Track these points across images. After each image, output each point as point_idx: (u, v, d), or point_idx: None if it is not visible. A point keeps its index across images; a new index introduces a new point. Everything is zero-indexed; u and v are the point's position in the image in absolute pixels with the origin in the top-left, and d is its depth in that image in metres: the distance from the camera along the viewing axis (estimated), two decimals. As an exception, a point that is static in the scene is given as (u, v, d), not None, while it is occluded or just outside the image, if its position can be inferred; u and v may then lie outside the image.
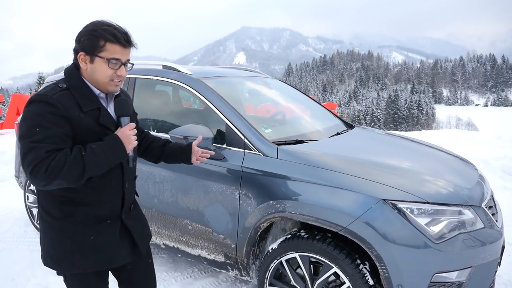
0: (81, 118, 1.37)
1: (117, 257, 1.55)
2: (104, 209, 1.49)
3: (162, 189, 2.66)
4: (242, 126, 2.38)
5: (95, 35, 1.38)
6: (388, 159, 2.42)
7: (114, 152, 1.39)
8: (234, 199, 2.30)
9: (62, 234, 1.46)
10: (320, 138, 2.66)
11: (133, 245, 1.61)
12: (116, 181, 1.52)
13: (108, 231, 1.51)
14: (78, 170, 1.29)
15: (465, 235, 1.93)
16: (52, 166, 1.24)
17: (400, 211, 1.88)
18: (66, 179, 1.28)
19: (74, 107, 1.36)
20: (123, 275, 1.71)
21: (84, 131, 1.38)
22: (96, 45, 1.38)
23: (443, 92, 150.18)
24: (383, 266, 1.86)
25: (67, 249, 1.46)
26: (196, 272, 2.99)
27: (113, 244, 1.52)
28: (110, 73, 1.41)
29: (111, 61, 1.39)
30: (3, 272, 2.99)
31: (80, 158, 1.30)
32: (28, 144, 1.27)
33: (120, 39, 1.40)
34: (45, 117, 1.29)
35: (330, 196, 2.01)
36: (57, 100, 1.33)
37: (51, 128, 1.29)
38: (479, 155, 5.91)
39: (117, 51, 1.40)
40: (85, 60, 1.41)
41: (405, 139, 3.12)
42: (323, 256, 2.00)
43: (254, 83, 3.49)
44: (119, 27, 1.43)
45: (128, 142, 1.43)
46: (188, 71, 2.78)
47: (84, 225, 1.46)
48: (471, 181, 2.32)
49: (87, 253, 1.48)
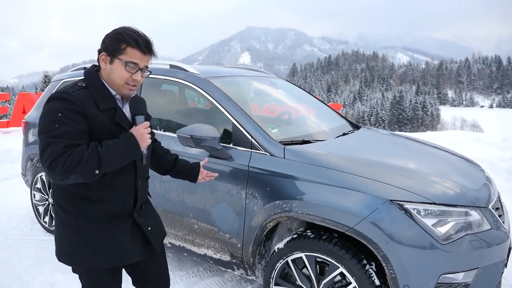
0: (98, 116, 1.42)
1: (129, 255, 1.57)
2: (117, 206, 1.52)
3: (168, 188, 2.67)
4: (249, 126, 2.39)
5: (119, 38, 1.44)
6: (394, 160, 2.42)
7: (129, 149, 1.43)
8: (241, 198, 2.31)
9: (75, 230, 1.49)
10: (326, 139, 2.67)
11: (146, 243, 1.63)
12: (129, 179, 1.55)
13: (120, 229, 1.53)
14: (94, 166, 1.32)
15: (472, 236, 1.92)
16: (70, 161, 1.28)
17: (407, 212, 1.88)
18: (82, 173, 1.31)
19: (91, 105, 1.41)
20: (138, 273, 1.73)
21: (100, 129, 1.42)
22: (118, 47, 1.44)
23: (448, 93, 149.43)
24: (389, 267, 1.86)
25: (80, 245, 1.49)
26: (202, 271, 3.00)
27: (125, 242, 1.54)
28: (126, 76, 1.46)
29: (129, 64, 1.44)
30: (10, 270, 3.02)
31: (96, 154, 1.33)
32: (46, 139, 1.30)
33: (141, 45, 1.45)
34: (63, 113, 1.34)
35: (337, 196, 2.01)
36: (75, 97, 1.38)
37: (69, 124, 1.33)
38: (484, 157, 5.87)
39: (136, 56, 1.45)
40: (105, 60, 1.47)
41: (411, 140, 3.11)
42: (329, 256, 2.01)
43: (261, 83, 3.49)
44: (143, 35, 1.49)
45: (143, 140, 1.47)
46: (195, 71, 2.79)
47: (97, 222, 1.49)
48: (478, 182, 2.31)
49: (99, 250, 1.50)
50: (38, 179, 3.76)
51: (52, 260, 3.14)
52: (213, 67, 3.56)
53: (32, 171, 3.88)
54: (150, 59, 1.53)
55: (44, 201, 3.76)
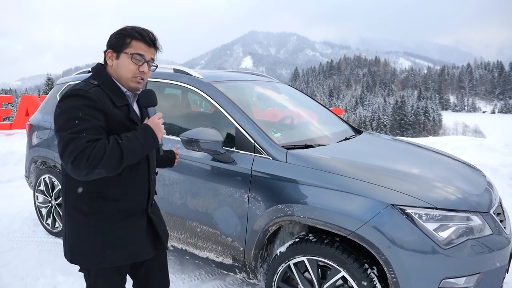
0: (115, 112, 1.46)
1: (145, 251, 1.61)
2: (132, 203, 1.55)
3: (171, 191, 2.68)
4: (252, 130, 2.41)
5: (123, 33, 1.50)
6: (396, 164, 2.43)
7: (148, 140, 1.46)
8: (243, 202, 2.32)
9: (93, 229, 1.50)
10: (328, 143, 2.68)
11: (155, 239, 1.67)
12: (143, 174, 1.59)
13: (137, 225, 1.57)
14: (117, 158, 1.35)
15: (474, 241, 1.93)
16: (94, 155, 1.29)
17: (409, 216, 1.89)
18: (106, 167, 1.33)
19: (108, 102, 1.44)
20: (141, 272, 1.76)
21: (117, 125, 1.45)
22: (123, 42, 1.49)
23: (450, 98, 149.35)
24: (391, 271, 1.87)
25: (99, 243, 1.50)
26: (203, 275, 3.01)
27: (141, 238, 1.58)
28: (133, 68, 1.49)
29: (134, 55, 1.48)
30: (13, 272, 3.03)
31: (118, 147, 1.36)
32: (68, 136, 1.31)
33: (145, 37, 1.50)
34: (83, 110, 1.36)
35: (339, 201, 2.02)
36: (93, 94, 1.40)
37: (89, 120, 1.35)
38: (486, 162, 5.87)
39: (141, 48, 1.50)
40: (112, 57, 1.51)
41: (413, 145, 3.13)
42: (331, 260, 2.02)
43: (264, 88, 3.52)
44: (146, 29, 1.54)
45: (159, 130, 1.51)
46: (199, 75, 2.81)
47: (114, 220, 1.51)
48: (479, 188, 2.32)
49: (118, 247, 1.53)
50: (41, 181, 3.78)
51: (54, 262, 3.16)
52: (217, 71, 3.58)
53: (36, 173, 3.91)
54: (155, 53, 1.57)
55: (47, 203, 3.78)
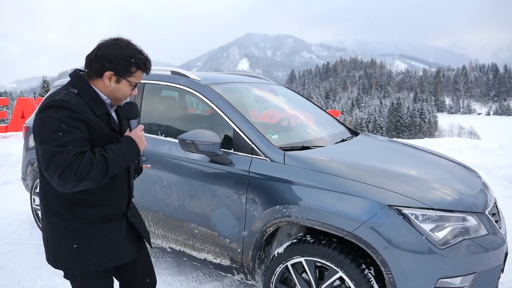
0: (97, 122, 1.47)
1: (127, 253, 1.64)
2: (113, 208, 1.58)
3: (169, 193, 2.69)
4: (250, 132, 2.42)
5: (130, 61, 1.49)
6: (393, 166, 2.45)
7: (131, 153, 1.51)
8: (241, 203, 2.33)
9: (74, 235, 1.51)
10: (325, 145, 2.70)
11: (137, 240, 1.71)
12: (124, 180, 1.62)
13: (117, 229, 1.60)
14: (103, 171, 1.38)
15: (469, 241, 1.95)
16: (81, 169, 1.31)
17: (405, 217, 1.91)
18: (92, 180, 1.36)
19: (89, 112, 1.44)
20: (126, 273, 1.76)
21: (99, 134, 1.47)
22: (128, 70, 1.50)
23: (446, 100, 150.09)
24: (388, 271, 1.89)
25: (82, 248, 1.51)
26: (201, 276, 3.01)
27: (122, 241, 1.61)
28: (129, 93, 1.57)
29: (135, 84, 1.56)
30: (9, 274, 3.02)
31: (104, 160, 1.39)
32: (53, 149, 1.31)
33: (148, 69, 1.57)
34: (67, 122, 1.35)
35: (336, 202, 2.04)
36: (75, 104, 1.39)
37: (73, 132, 1.36)
38: (482, 164, 5.91)
39: (141, 77, 1.57)
40: (112, 79, 1.51)
41: (409, 147, 3.15)
42: (328, 261, 2.03)
43: (261, 90, 3.53)
44: (148, 56, 1.56)
45: (141, 142, 1.56)
46: (196, 77, 2.83)
47: (95, 225, 1.53)
48: (475, 189, 2.34)
49: (101, 251, 1.54)
50: (38, 184, 3.77)
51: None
52: (214, 73, 3.60)
53: (33, 176, 3.90)
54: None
55: (44, 206, 3.76)
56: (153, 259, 3.35)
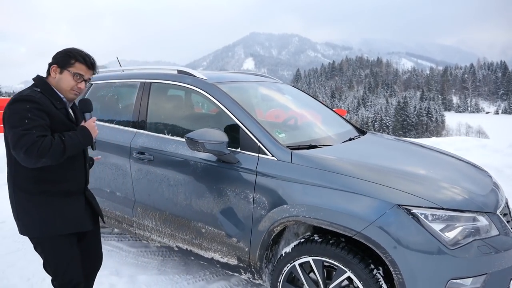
0: (57, 113, 1.80)
1: (86, 223, 1.98)
2: (72, 184, 1.92)
3: (176, 192, 2.69)
4: (257, 131, 2.41)
5: (69, 55, 1.86)
6: (402, 165, 2.43)
7: (85, 138, 1.84)
8: (248, 202, 2.33)
9: (42, 205, 1.83)
10: (333, 144, 2.68)
11: (93, 215, 2.06)
12: (80, 162, 1.97)
13: (77, 202, 1.95)
14: (60, 151, 1.69)
15: (480, 241, 1.92)
16: (42, 147, 1.63)
17: (415, 217, 1.89)
18: (52, 157, 1.67)
19: (50, 105, 1.79)
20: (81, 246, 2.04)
21: (59, 123, 1.80)
22: (68, 62, 1.85)
23: (453, 99, 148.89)
24: (397, 272, 1.86)
25: (49, 215, 1.83)
26: (208, 275, 3.01)
27: (82, 212, 1.96)
28: (73, 84, 1.86)
29: (76, 74, 1.85)
30: (19, 272, 3.04)
31: (61, 142, 1.71)
32: (20, 132, 1.64)
33: (87, 61, 1.88)
34: (32, 111, 1.69)
35: (344, 201, 2.02)
36: (39, 99, 1.74)
37: (37, 119, 1.69)
38: (491, 163, 5.85)
39: (82, 69, 1.87)
40: (56, 71, 1.86)
41: (418, 146, 3.12)
42: (336, 261, 2.01)
43: (267, 89, 3.52)
44: (89, 55, 1.91)
45: (94, 131, 1.90)
46: (203, 76, 2.82)
47: (58, 198, 1.86)
48: (485, 188, 2.31)
49: (66, 217, 1.87)
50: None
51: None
52: (220, 72, 3.59)
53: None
54: (92, 74, 1.94)
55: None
56: (160, 258, 3.36)
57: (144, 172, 2.88)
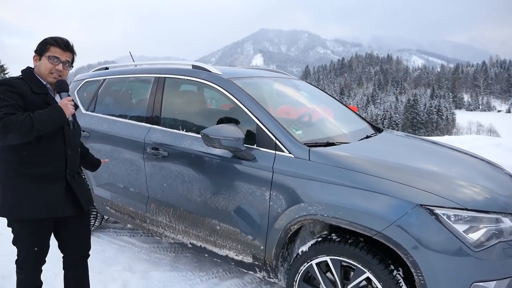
0: (33, 97, 1.88)
1: (61, 208, 1.98)
2: (50, 169, 1.94)
3: (190, 188, 2.66)
4: (273, 127, 2.37)
5: (44, 42, 1.96)
6: (421, 163, 2.37)
7: (55, 114, 1.84)
8: (264, 200, 2.29)
9: (18, 188, 1.90)
10: (350, 141, 2.63)
11: (75, 203, 2.04)
12: (59, 146, 1.97)
13: (55, 187, 1.96)
14: (28, 127, 1.73)
15: (505, 243, 1.87)
16: (8, 123, 1.69)
17: (437, 217, 1.83)
18: (18, 133, 1.72)
19: (26, 89, 1.87)
20: (64, 233, 2.10)
21: (35, 107, 1.84)
22: (44, 48, 1.94)
23: (464, 97, 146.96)
24: (419, 273, 1.82)
25: (21, 198, 1.89)
26: (221, 273, 2.99)
27: (58, 197, 1.96)
28: (50, 66, 1.94)
29: (51, 57, 1.93)
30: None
31: (29, 118, 1.74)
32: None
33: (60, 44, 1.95)
34: (4, 93, 1.80)
35: (364, 200, 1.97)
36: (13, 82, 1.86)
37: (7, 100, 1.78)
38: (505, 162, 5.73)
39: (57, 52, 1.94)
40: (37, 59, 1.97)
41: (435, 144, 3.06)
42: (355, 261, 1.97)
43: (282, 84, 3.47)
44: (63, 38, 1.99)
45: (66, 108, 1.88)
46: (218, 71, 2.79)
47: (35, 181, 1.91)
48: (508, 188, 2.25)
49: (36, 201, 1.90)
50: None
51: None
52: (235, 67, 3.56)
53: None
54: (71, 56, 2.01)
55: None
56: (172, 254, 3.35)
57: (158, 168, 2.86)
